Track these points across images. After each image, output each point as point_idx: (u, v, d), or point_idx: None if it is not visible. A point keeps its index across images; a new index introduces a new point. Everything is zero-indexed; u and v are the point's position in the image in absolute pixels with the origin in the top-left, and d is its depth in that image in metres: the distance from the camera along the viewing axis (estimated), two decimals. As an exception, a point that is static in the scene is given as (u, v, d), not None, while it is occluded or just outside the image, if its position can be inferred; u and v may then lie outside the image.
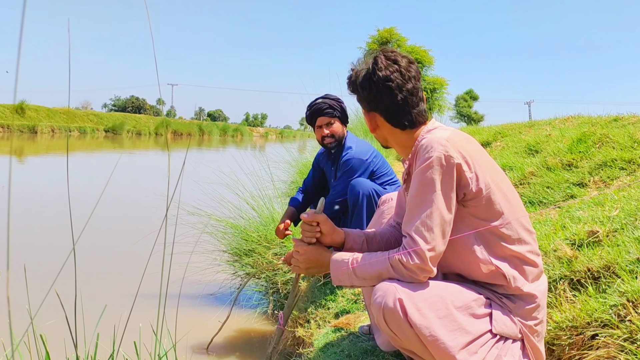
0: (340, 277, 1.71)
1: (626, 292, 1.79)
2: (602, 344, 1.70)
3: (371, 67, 1.72)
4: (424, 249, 1.52)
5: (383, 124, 1.77)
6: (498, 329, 1.57)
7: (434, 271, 1.55)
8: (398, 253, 1.56)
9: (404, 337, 1.53)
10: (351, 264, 1.67)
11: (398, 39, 26.99)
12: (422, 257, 1.52)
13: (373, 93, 1.72)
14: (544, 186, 3.58)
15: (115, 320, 1.51)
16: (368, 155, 3.27)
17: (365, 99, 1.77)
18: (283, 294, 3.94)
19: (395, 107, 1.72)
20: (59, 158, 19.08)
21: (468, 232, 1.62)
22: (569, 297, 2.07)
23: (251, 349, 3.58)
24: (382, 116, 1.76)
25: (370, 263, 1.63)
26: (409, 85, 1.70)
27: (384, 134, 1.80)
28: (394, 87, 1.69)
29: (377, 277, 1.61)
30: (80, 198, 9.13)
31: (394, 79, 1.69)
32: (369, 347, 2.10)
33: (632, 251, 2.02)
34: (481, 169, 1.60)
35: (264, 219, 4.46)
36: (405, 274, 1.55)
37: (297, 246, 1.86)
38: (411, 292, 1.52)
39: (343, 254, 1.75)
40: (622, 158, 3.35)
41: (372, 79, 1.70)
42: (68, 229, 1.28)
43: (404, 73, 1.70)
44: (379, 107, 1.75)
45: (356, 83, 1.77)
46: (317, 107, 3.30)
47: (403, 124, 1.74)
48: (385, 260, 1.59)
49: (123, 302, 1.65)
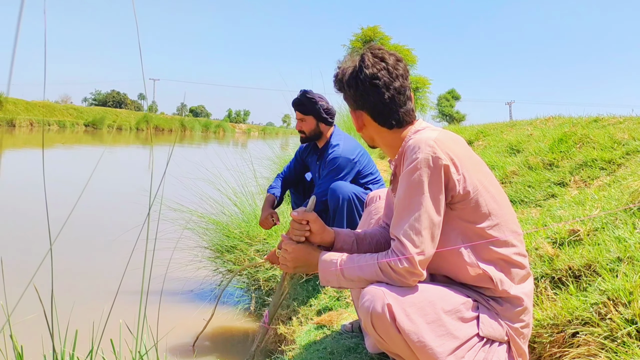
0: (328, 277, 1.68)
1: (607, 290, 1.80)
2: (583, 342, 1.71)
3: (358, 64, 1.69)
4: (413, 253, 1.49)
5: (370, 122, 1.74)
6: (485, 332, 1.56)
7: (424, 275, 1.53)
8: (387, 257, 1.54)
9: (391, 342, 1.51)
10: (340, 265, 1.65)
11: (382, 37, 27.11)
12: (412, 262, 1.49)
13: (360, 91, 1.69)
14: (525, 185, 3.61)
15: (95, 317, 1.47)
16: (355, 155, 3.26)
17: (352, 97, 1.73)
18: (265, 290, 3.92)
19: (382, 106, 1.68)
20: (37, 152, 18.77)
21: (456, 235, 1.60)
22: (550, 295, 2.09)
23: (233, 346, 3.55)
24: (368, 115, 1.72)
25: (360, 266, 1.60)
26: (396, 84, 1.67)
27: (371, 133, 1.77)
28: (380, 85, 1.66)
29: (366, 279, 1.59)
30: (60, 193, 9.00)
31: (381, 77, 1.66)
32: (352, 344, 2.09)
33: (612, 250, 2.03)
34: (469, 171, 1.58)
35: (246, 215, 4.43)
36: (394, 277, 1.52)
37: (286, 244, 1.82)
38: (399, 296, 1.50)
39: (332, 254, 1.72)
40: (602, 158, 3.39)
41: (359, 77, 1.67)
42: (47, 225, 1.24)
43: (392, 71, 1.67)
44: (365, 106, 1.71)
45: (342, 81, 1.73)
46: (293, 101, 3.39)
47: (390, 123, 1.71)
48: (374, 264, 1.56)
49: (104, 298, 1.61)
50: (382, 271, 1.54)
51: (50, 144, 23.56)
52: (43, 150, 1.45)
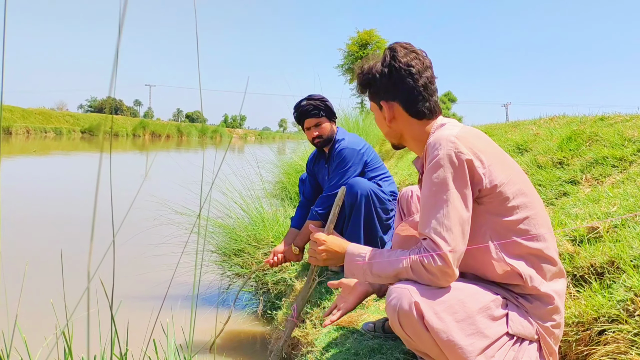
0: (353, 270, 1.67)
1: (633, 287, 1.77)
2: (611, 340, 1.68)
3: (390, 55, 1.71)
4: (445, 250, 1.46)
5: (400, 114, 1.74)
6: (514, 330, 1.53)
7: (457, 274, 1.50)
8: (419, 255, 1.50)
9: (419, 341, 1.48)
10: (368, 259, 1.63)
11: (377, 40, 27.21)
12: (445, 260, 1.46)
13: (394, 80, 1.70)
14: (536, 184, 3.58)
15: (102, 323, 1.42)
16: (361, 146, 3.24)
17: (384, 88, 1.74)
18: (274, 294, 3.88)
19: (416, 93, 1.70)
20: (42, 159, 18.72)
21: (484, 232, 1.58)
22: (572, 293, 2.06)
23: (241, 350, 3.51)
24: (400, 104, 1.73)
25: (389, 261, 1.57)
26: (427, 73, 1.70)
27: (400, 126, 1.77)
28: (415, 72, 1.68)
29: (394, 276, 1.56)
30: (65, 198, 8.90)
31: (414, 65, 1.68)
32: (375, 345, 2.05)
33: (635, 246, 2.01)
34: (494, 164, 1.55)
35: (253, 218, 4.39)
36: (425, 277, 1.49)
37: (317, 236, 1.82)
38: (427, 294, 1.47)
39: (360, 247, 1.70)
40: (614, 156, 3.37)
41: (394, 65, 1.69)
42: (52, 230, 1.21)
43: (422, 60, 1.71)
44: (398, 95, 1.72)
45: (371, 73, 1.75)
46: (302, 109, 3.28)
47: (422, 112, 1.71)
48: (405, 260, 1.53)
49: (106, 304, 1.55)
50: (413, 269, 1.51)
51: (48, 150, 23.46)
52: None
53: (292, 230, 3.37)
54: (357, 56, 26.50)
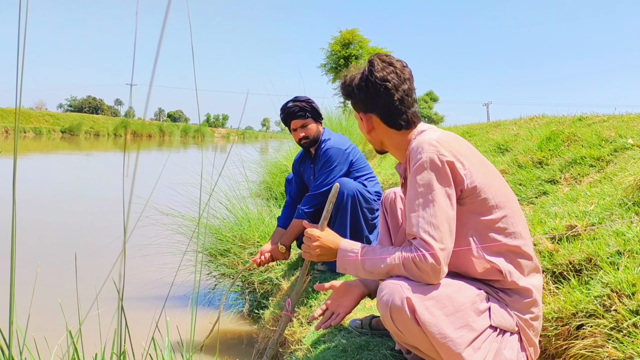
0: (345, 265, 1.72)
1: (610, 282, 1.84)
2: (589, 334, 1.75)
3: (368, 69, 1.76)
4: (436, 248, 1.51)
5: (379, 125, 1.80)
6: (496, 322, 1.60)
7: (446, 271, 1.56)
8: (411, 253, 1.55)
9: (410, 335, 1.54)
10: (360, 255, 1.68)
11: (360, 40, 27.26)
12: (436, 258, 1.51)
13: (371, 94, 1.75)
14: (516, 183, 3.67)
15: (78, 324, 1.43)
16: (346, 146, 3.29)
17: (362, 101, 1.79)
18: (260, 293, 3.91)
19: (392, 107, 1.75)
20: (26, 159, 18.44)
21: (466, 231, 1.64)
22: (552, 289, 2.13)
23: (228, 349, 3.53)
24: (378, 117, 1.79)
25: (382, 258, 1.62)
26: (404, 86, 1.75)
27: (380, 136, 1.83)
28: (390, 87, 1.73)
29: (386, 273, 1.61)
30: (41, 200, 8.82)
31: (390, 79, 1.73)
32: (363, 342, 2.10)
33: (611, 244, 2.08)
34: (474, 166, 1.63)
35: (238, 218, 4.41)
36: (417, 274, 1.54)
37: (311, 232, 1.86)
38: (418, 290, 1.52)
39: (353, 243, 1.76)
40: (591, 155, 3.46)
41: (370, 80, 1.74)
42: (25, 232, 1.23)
43: (400, 74, 1.75)
44: (375, 108, 1.77)
45: (352, 85, 1.80)
46: (289, 111, 3.32)
47: (399, 124, 1.77)
48: (397, 258, 1.58)
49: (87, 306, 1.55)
50: (405, 267, 1.56)
51: (33, 150, 23.14)
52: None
53: (279, 229, 3.40)
54: (340, 55, 26.56)
